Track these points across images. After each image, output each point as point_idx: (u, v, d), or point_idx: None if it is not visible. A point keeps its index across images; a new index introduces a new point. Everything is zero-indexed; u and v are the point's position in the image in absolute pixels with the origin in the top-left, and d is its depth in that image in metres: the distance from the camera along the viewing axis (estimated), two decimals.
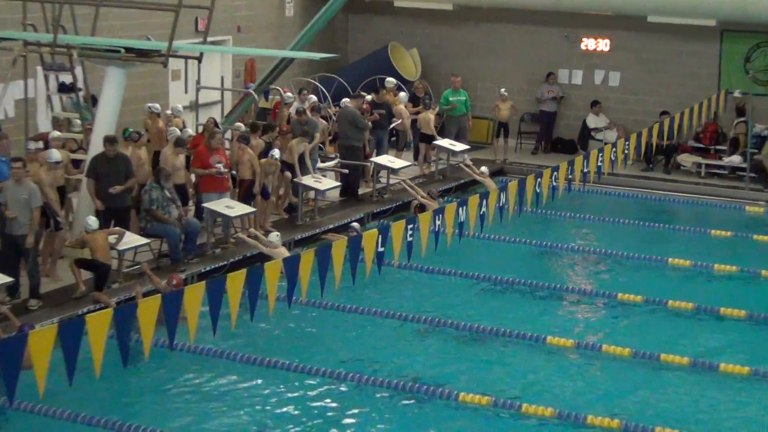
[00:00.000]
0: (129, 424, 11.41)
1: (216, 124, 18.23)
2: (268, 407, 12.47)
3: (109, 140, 15.66)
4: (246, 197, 17.09)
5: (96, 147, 15.85)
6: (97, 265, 14.38)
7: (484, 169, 20.40)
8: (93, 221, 14.59)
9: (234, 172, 17.02)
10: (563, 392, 13.01)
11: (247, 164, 17.15)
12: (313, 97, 20.89)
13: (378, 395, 12.73)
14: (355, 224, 17.45)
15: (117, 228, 15.06)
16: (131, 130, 17.25)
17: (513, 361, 13.92)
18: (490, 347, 14.24)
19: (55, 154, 15.33)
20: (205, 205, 16.63)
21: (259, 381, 13.00)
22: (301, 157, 18.38)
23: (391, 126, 21.62)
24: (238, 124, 18.43)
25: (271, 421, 12.16)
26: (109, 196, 15.51)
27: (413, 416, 12.36)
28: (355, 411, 12.43)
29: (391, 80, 22.56)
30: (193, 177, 17.22)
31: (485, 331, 14.47)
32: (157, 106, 18.23)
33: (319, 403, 12.54)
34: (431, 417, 12.29)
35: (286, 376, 13.02)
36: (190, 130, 18.25)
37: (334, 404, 12.55)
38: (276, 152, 17.64)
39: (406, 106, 21.97)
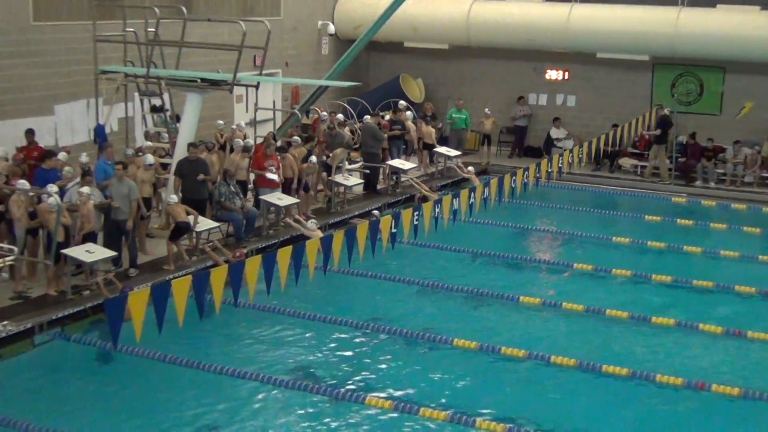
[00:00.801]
0: (205, 363, 11.47)
1: (274, 137, 18.18)
2: (310, 350, 12.48)
3: (193, 144, 15.75)
4: (288, 191, 17.06)
5: (180, 154, 15.84)
6: (179, 225, 14.48)
7: (471, 168, 20.31)
8: (173, 197, 14.77)
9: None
10: (532, 338, 12.96)
11: (288, 166, 17.13)
12: (342, 116, 20.86)
13: (392, 341, 12.73)
14: (375, 211, 17.41)
15: (192, 209, 15.03)
16: (204, 141, 17.25)
17: (494, 315, 13.88)
18: (477, 305, 14.19)
19: (149, 158, 15.31)
20: (261, 197, 16.61)
21: (303, 330, 13.00)
22: (341, 162, 18.42)
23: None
24: (296, 137, 18.41)
25: (312, 360, 12.17)
26: (192, 189, 15.50)
27: (419, 356, 12.36)
28: (376, 353, 12.42)
29: (402, 103, 22.46)
30: (251, 176, 17.20)
31: (474, 292, 14.44)
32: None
33: (348, 348, 12.54)
34: (432, 357, 12.28)
35: (324, 327, 13.03)
36: (251, 141, 18.21)
37: (360, 348, 12.54)
38: (314, 158, 17.58)
39: (413, 122, 21.87)
